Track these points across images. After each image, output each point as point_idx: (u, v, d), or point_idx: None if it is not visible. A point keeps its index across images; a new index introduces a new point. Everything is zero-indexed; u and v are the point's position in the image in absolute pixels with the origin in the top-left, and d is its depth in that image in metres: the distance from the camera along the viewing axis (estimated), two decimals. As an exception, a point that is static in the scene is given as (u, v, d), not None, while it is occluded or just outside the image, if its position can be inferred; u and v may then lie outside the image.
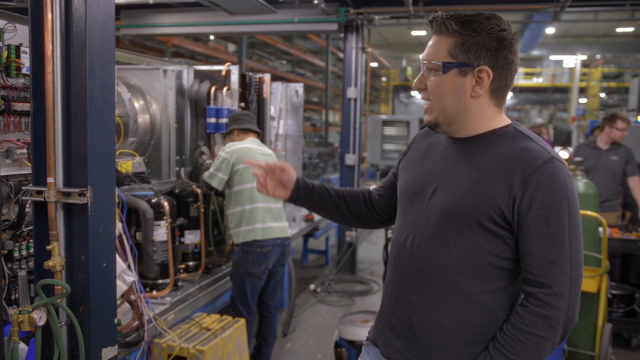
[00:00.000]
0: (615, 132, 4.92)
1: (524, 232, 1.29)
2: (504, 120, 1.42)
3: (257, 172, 1.69)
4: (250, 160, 1.76)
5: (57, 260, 1.85)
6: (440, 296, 1.37)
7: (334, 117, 22.54)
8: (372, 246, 7.85)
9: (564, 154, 7.19)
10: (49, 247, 1.85)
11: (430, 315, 1.38)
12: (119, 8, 6.64)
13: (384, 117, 13.02)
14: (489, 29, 1.33)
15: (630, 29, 14.74)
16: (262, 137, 4.01)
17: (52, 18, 1.81)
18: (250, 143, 3.62)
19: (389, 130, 12.09)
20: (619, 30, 15.39)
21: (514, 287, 1.39)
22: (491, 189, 1.31)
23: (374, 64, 20.88)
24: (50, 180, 1.85)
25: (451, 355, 1.37)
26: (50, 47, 1.81)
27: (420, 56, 1.42)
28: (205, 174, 3.56)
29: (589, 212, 3.51)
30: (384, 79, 25.28)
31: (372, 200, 1.74)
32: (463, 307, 1.35)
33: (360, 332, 3.31)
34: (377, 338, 1.55)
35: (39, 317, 1.77)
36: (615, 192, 4.98)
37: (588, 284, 3.49)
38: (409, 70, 24.01)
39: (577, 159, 4.07)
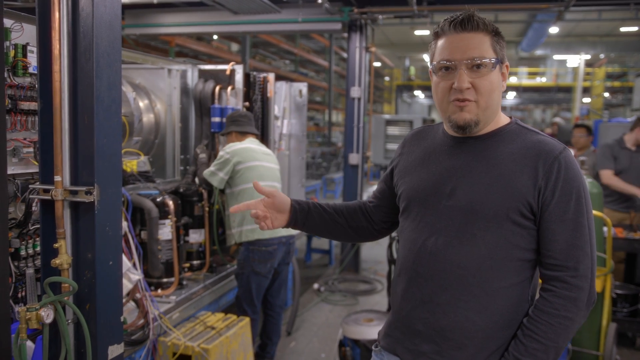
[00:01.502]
0: None
1: (547, 219, 1.34)
2: (505, 117, 1.47)
3: (255, 213, 1.58)
4: (258, 186, 1.63)
5: (64, 258, 1.86)
6: (470, 294, 1.37)
7: (337, 117, 22.54)
8: (375, 246, 7.84)
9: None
10: (56, 245, 1.86)
11: (461, 314, 1.38)
12: (123, 8, 6.66)
13: (387, 116, 12.99)
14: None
15: (634, 29, 14.67)
16: (260, 138, 4.01)
17: (60, 17, 1.82)
18: (250, 143, 3.62)
19: (392, 130, 12.09)
20: (622, 29, 15.34)
21: (535, 277, 1.42)
22: (516, 183, 1.34)
23: (377, 64, 20.87)
24: (57, 178, 1.86)
25: (483, 351, 1.37)
26: (58, 46, 1.83)
27: (456, 55, 1.36)
28: (206, 172, 3.56)
29: (593, 212, 3.51)
30: (387, 78, 25.26)
31: (369, 212, 1.72)
32: (493, 302, 1.37)
33: (364, 331, 3.31)
34: (396, 345, 1.50)
35: (47, 315, 1.78)
36: None
37: (592, 284, 3.49)
38: (412, 70, 23.99)
39: (582, 158, 4.07)
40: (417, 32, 15.09)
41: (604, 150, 4.85)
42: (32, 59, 2.21)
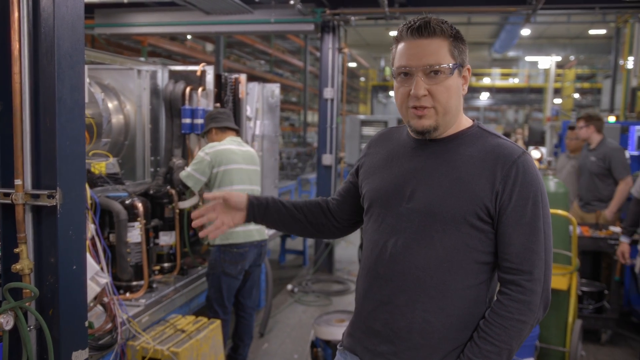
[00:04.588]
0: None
1: (504, 223, 1.35)
2: (468, 120, 1.48)
3: (210, 217, 1.70)
4: (208, 197, 1.73)
5: (25, 263, 1.83)
6: (427, 296, 1.39)
7: (313, 117, 22.54)
8: (349, 246, 7.88)
9: (535, 153, 7.32)
10: (16, 250, 1.83)
11: (418, 315, 1.39)
12: (93, 7, 6.56)
13: (362, 117, 13.04)
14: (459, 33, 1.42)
15: (603, 31, 15.04)
16: (240, 134, 4.00)
17: (19, 17, 1.79)
18: (230, 143, 3.60)
19: (368, 130, 12.14)
20: (591, 32, 15.70)
21: (494, 279, 1.44)
22: (474, 186, 1.35)
23: (352, 64, 20.96)
24: (17, 182, 1.82)
25: (438, 352, 1.39)
26: (17, 46, 1.79)
27: (413, 62, 1.37)
28: (182, 173, 3.53)
29: (559, 211, 3.58)
30: (362, 79, 25.37)
31: (331, 209, 1.74)
32: (450, 304, 1.38)
33: (336, 331, 3.32)
34: (356, 345, 1.53)
35: (6, 322, 1.75)
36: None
37: (559, 282, 3.56)
38: (388, 71, 24.16)
39: (549, 158, 4.15)
40: (392, 33, 15.18)
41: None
42: (-7, 60, 2.16)
